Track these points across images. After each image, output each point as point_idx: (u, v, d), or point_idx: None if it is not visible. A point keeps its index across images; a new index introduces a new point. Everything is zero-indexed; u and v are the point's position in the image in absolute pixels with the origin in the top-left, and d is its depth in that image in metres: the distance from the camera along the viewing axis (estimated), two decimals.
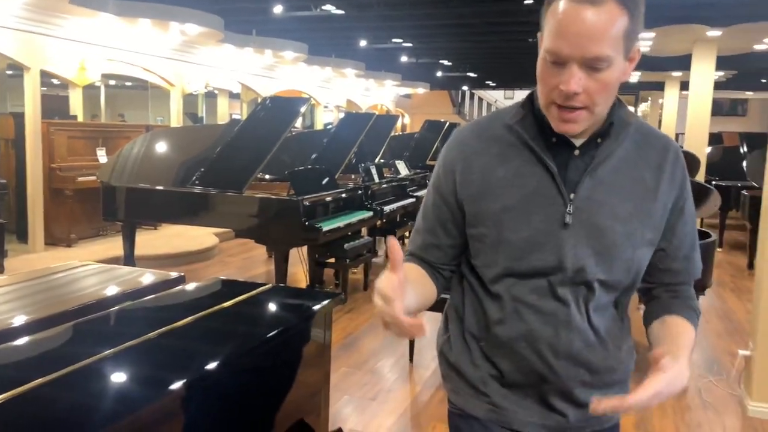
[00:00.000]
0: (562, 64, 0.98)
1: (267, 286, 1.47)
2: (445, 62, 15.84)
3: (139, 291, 1.49)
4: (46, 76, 7.25)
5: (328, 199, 5.12)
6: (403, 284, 0.89)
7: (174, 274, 1.62)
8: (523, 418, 1.12)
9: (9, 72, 9.75)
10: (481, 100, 27.29)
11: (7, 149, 6.76)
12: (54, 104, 10.13)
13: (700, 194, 3.71)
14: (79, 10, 6.51)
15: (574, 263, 1.05)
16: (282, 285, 2.44)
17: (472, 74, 18.58)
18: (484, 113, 19.74)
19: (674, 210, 1.11)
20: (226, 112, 11.93)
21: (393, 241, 0.89)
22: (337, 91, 15.88)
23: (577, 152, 1.07)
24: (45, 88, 7.55)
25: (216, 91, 11.94)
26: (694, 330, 1.11)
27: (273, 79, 12.07)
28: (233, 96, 12.68)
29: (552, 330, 1.06)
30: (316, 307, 1.34)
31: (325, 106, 15.90)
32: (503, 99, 26.69)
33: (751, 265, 6.50)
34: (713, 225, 7.66)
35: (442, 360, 1.20)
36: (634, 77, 13.55)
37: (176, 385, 0.97)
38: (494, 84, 23.02)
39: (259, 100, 9.55)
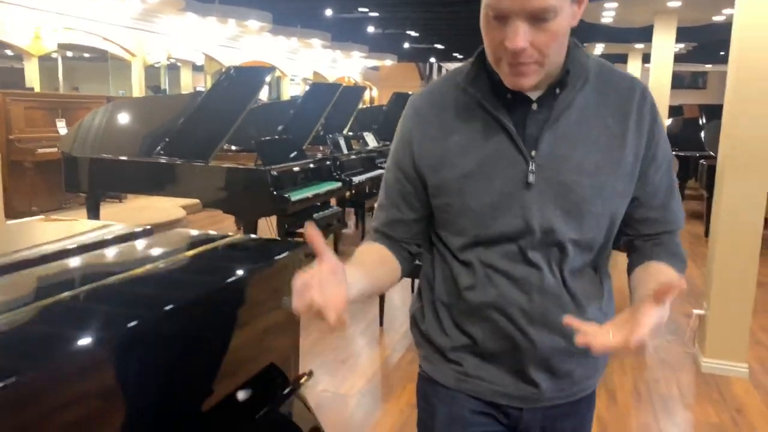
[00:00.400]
0: (505, 19, 0.91)
1: (235, 236, 1.48)
2: (412, 33, 15.76)
3: (104, 242, 1.48)
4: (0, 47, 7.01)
5: (297, 169, 5.11)
6: (334, 270, 0.82)
7: (141, 228, 1.61)
8: (494, 388, 1.09)
9: None
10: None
11: None
12: (8, 77, 9.79)
13: None
14: None
15: (541, 224, 1.00)
16: (252, 236, 2.45)
17: (439, 46, 18.55)
18: None
19: (646, 156, 1.05)
20: (189, 84, 11.71)
21: (310, 229, 0.80)
22: (303, 63, 15.69)
23: (534, 106, 1.01)
24: None
25: (179, 63, 11.68)
26: (679, 276, 1.03)
27: (237, 50, 11.86)
28: (196, 68, 12.43)
29: (525, 295, 1.03)
30: (283, 254, 1.37)
31: (292, 79, 15.71)
32: None
33: (707, 233, 6.73)
34: None
35: (414, 327, 1.18)
36: (598, 49, 13.72)
37: (131, 324, 0.98)
38: (461, 56, 23.02)
39: (223, 69, 9.41)
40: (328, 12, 11.42)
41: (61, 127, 7.03)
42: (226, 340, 1.21)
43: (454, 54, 21.65)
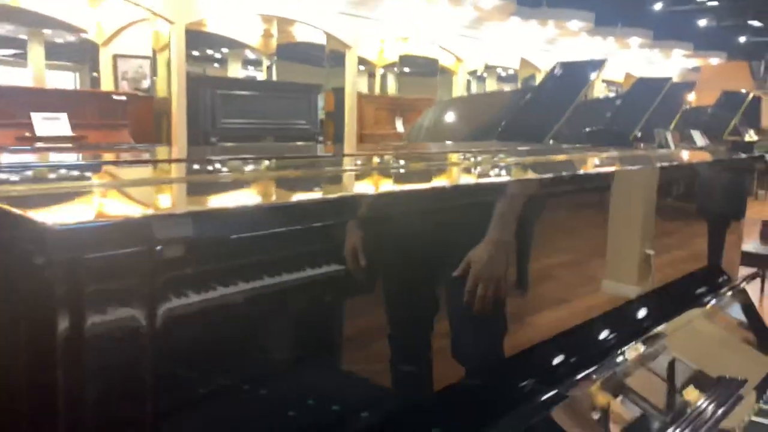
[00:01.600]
0: None
1: None
2: (755, 23, 13.79)
3: None
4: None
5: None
6: None
7: None
8: None
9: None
10: None
11: (327, 119, 7.93)
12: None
13: None
14: None
15: None
16: None
17: None
18: None
19: None
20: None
21: None
22: (616, 66, 15.09)
23: None
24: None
25: (485, 74, 12.26)
26: None
27: (551, 53, 11.98)
28: (501, 79, 12.89)
29: None
30: None
31: (607, 81, 15.24)
32: None
33: None
34: None
35: None
36: None
37: None
38: None
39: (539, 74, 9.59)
40: (657, 6, 10.81)
41: (399, 126, 8.02)
42: None
43: None
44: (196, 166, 1.17)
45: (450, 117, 6.40)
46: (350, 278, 0.84)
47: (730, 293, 1.70)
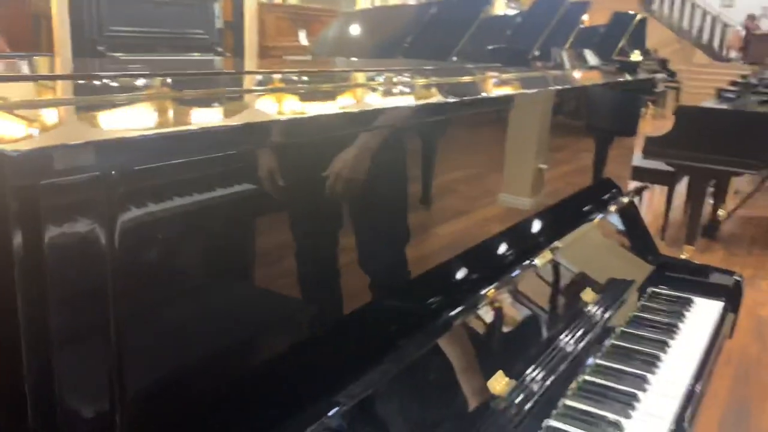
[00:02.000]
0: None
1: None
2: None
3: None
4: None
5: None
6: None
7: None
8: None
9: None
10: None
11: (226, 29, 7.51)
12: None
13: None
14: None
15: None
16: None
17: None
18: (683, 11, 17.73)
19: None
20: None
21: None
22: None
23: None
24: None
25: None
26: None
27: None
28: None
29: None
30: None
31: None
32: None
33: None
34: None
35: None
36: None
37: None
38: None
39: None
40: None
41: (302, 38, 7.75)
42: None
43: None
44: (82, 83, 1.11)
45: (355, 31, 6.27)
46: (258, 200, 0.89)
47: (618, 205, 1.87)
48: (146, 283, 0.74)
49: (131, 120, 0.79)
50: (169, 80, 1.12)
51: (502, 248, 1.48)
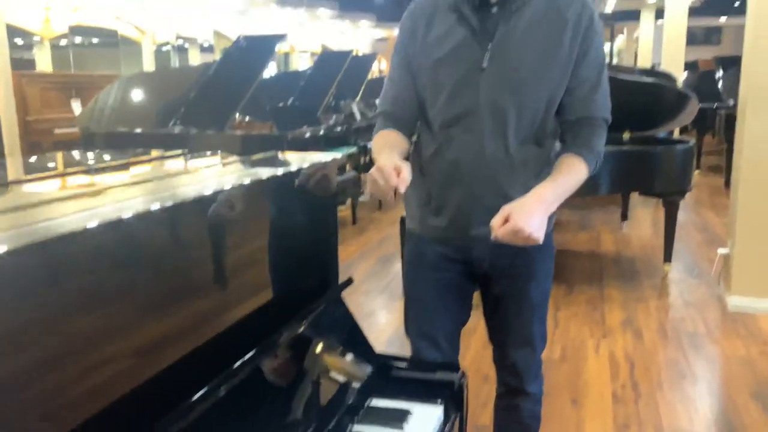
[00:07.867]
0: None
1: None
2: None
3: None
4: (11, 35, 7.02)
5: (310, 135, 5.12)
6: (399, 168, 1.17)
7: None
8: (447, 234, 1.41)
9: None
10: None
11: None
12: (20, 68, 9.79)
13: (679, 102, 3.79)
14: None
15: (489, 101, 1.30)
16: None
17: None
18: None
19: (579, 54, 1.32)
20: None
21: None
22: (311, 36, 15.59)
23: (494, 9, 1.31)
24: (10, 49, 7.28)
25: (187, 45, 11.66)
26: (579, 162, 1.32)
27: (246, 25, 11.81)
28: (205, 50, 12.39)
29: (476, 160, 1.33)
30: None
31: (303, 52, 15.64)
32: None
33: (727, 184, 6.66)
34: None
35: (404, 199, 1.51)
36: (609, 6, 13.45)
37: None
38: None
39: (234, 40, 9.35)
40: None
41: (76, 107, 7.07)
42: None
43: None
44: None
45: (135, 96, 5.83)
46: None
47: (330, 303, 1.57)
48: None
49: None
50: None
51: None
